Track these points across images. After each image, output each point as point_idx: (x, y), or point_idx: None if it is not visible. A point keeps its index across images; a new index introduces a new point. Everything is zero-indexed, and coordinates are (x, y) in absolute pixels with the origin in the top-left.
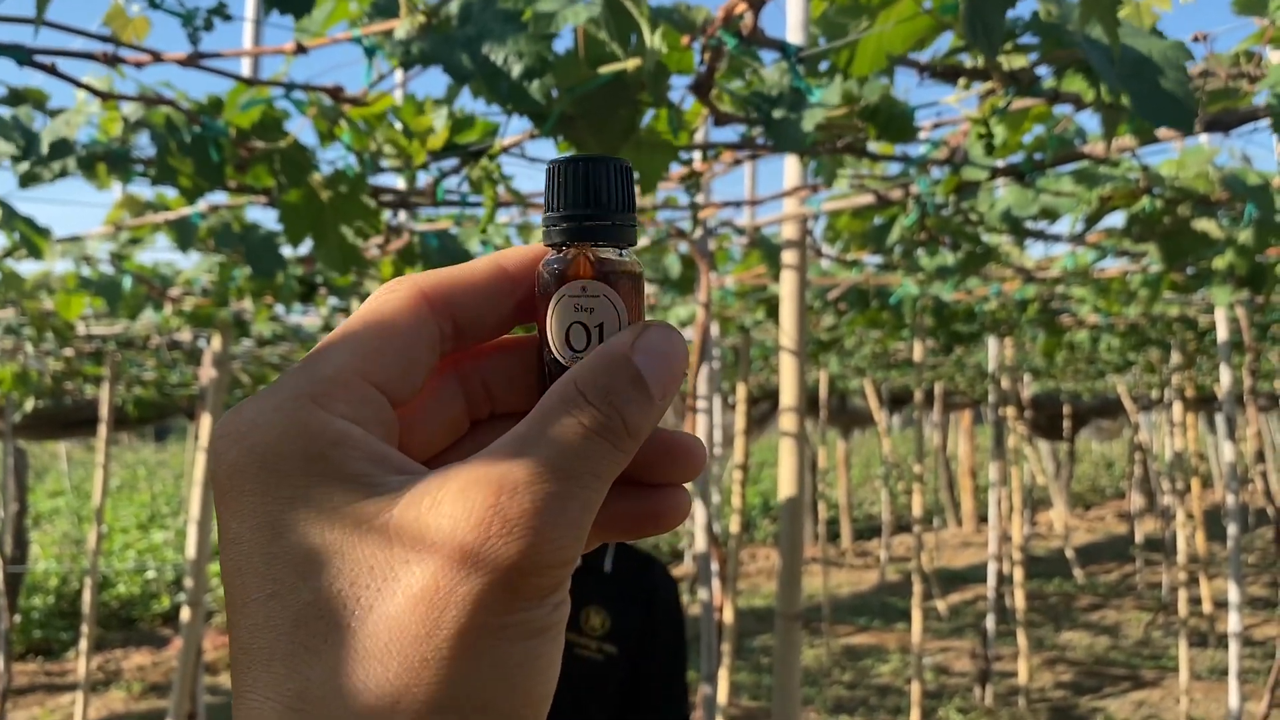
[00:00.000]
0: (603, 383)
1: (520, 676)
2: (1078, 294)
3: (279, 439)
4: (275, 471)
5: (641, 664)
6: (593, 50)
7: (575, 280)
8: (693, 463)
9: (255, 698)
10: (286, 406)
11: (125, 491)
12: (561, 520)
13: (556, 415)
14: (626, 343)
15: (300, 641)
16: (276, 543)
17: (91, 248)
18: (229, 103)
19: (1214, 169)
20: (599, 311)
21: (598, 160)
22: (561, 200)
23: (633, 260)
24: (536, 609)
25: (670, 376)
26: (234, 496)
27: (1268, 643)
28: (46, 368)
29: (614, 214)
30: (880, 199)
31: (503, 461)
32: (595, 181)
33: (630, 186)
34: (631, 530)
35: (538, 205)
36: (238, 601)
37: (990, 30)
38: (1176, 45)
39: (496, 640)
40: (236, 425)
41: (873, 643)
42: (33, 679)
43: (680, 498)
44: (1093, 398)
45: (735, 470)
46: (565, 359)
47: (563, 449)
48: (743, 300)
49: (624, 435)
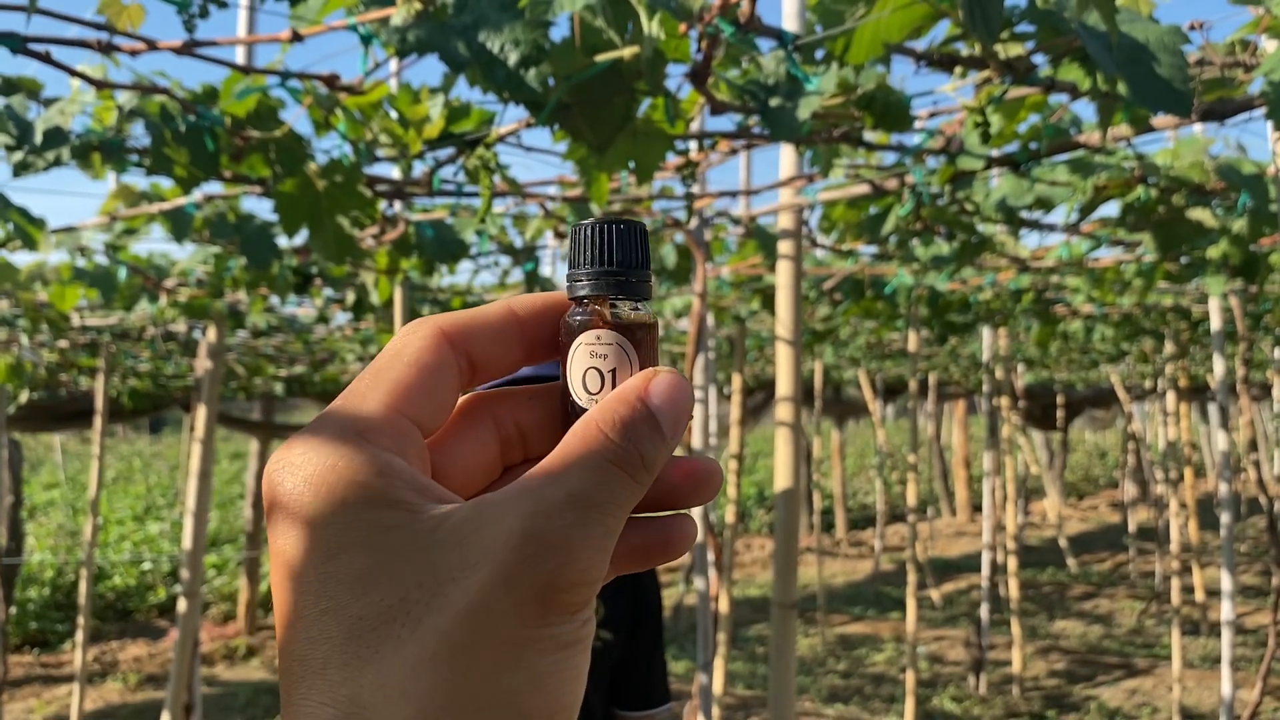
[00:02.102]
0: (620, 420)
1: (552, 684)
2: (1072, 284)
3: (331, 469)
4: (328, 499)
5: (630, 646)
6: (589, 38)
7: (592, 330)
8: (709, 487)
9: (309, 704)
10: (337, 440)
11: (120, 483)
12: (588, 543)
13: (579, 450)
14: (640, 385)
15: (353, 651)
16: (330, 563)
17: (86, 238)
18: (224, 91)
19: (1209, 158)
20: (612, 358)
21: (616, 222)
22: (584, 258)
23: (647, 313)
24: (568, 624)
25: (679, 415)
26: (289, 521)
27: (1260, 631)
28: (41, 359)
29: (630, 271)
30: (876, 189)
31: (532, 492)
32: (614, 242)
33: (646, 246)
34: (644, 559)
35: (534, 195)
36: (292, 616)
37: (989, 18)
38: (1173, 31)
39: (532, 651)
40: (292, 456)
41: (867, 632)
42: (29, 671)
43: (687, 525)
44: (1086, 388)
45: (730, 460)
46: (582, 400)
47: (587, 480)
48: (738, 290)
49: (640, 467)
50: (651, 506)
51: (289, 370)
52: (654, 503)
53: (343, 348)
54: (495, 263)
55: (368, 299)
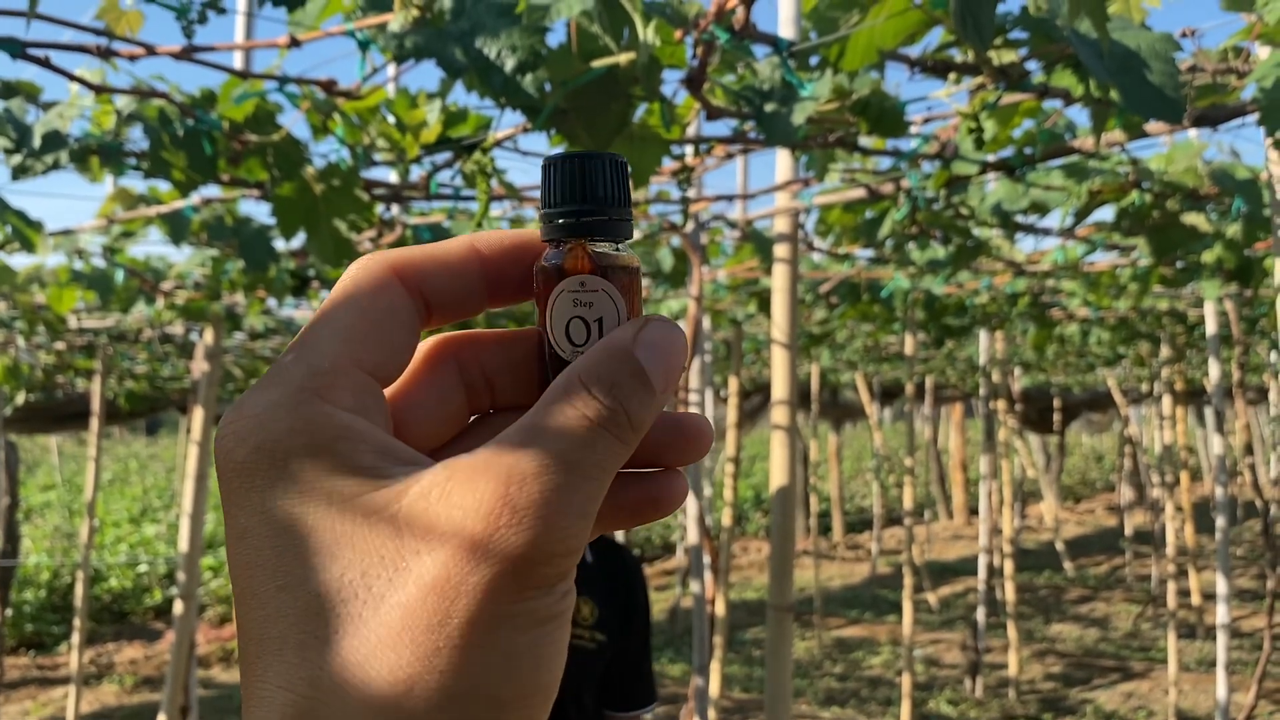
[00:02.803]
0: (605, 376)
1: (530, 663)
2: (1068, 288)
3: (285, 434)
4: (283, 467)
5: (621, 647)
6: (586, 44)
7: (574, 275)
8: (700, 443)
9: (267, 687)
10: (289, 402)
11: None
12: (569, 510)
13: (561, 408)
14: (628, 337)
15: (311, 631)
16: (286, 536)
17: (84, 241)
18: (222, 96)
19: (1202, 163)
20: (598, 306)
21: (593, 156)
22: (558, 196)
23: (630, 254)
24: (545, 597)
25: (670, 369)
26: (242, 492)
27: (1255, 634)
28: (38, 361)
29: (610, 209)
30: (871, 193)
31: (510, 453)
32: (591, 177)
33: (625, 182)
34: (631, 517)
35: (532, 199)
36: (247, 594)
37: (980, 25)
38: (1165, 38)
39: (506, 628)
40: (241, 422)
41: (864, 635)
42: (25, 673)
43: (678, 482)
44: (1083, 391)
45: (727, 463)
46: (566, 353)
47: (568, 441)
48: (735, 294)
49: (627, 427)
50: (638, 464)
51: None
52: (640, 459)
53: None
54: None
55: None
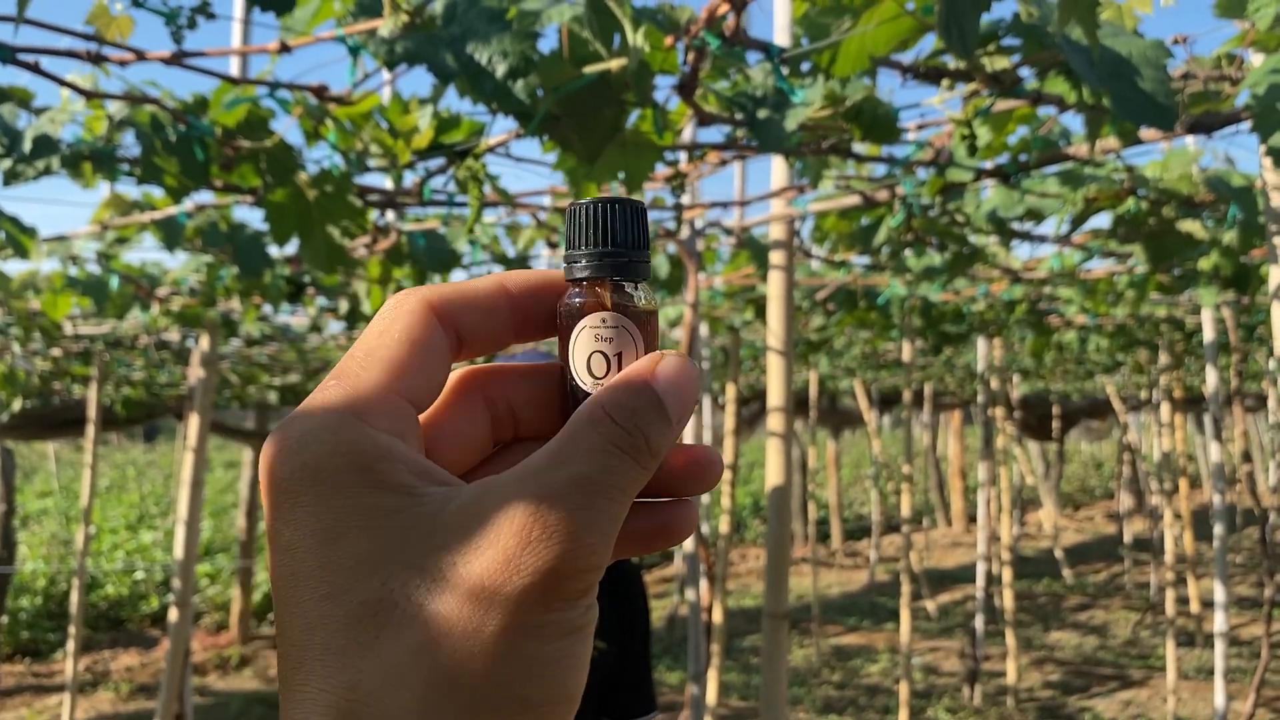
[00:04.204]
0: (627, 405)
1: (555, 671)
2: (1065, 295)
3: (330, 454)
4: (328, 484)
5: (621, 655)
6: (577, 50)
7: (596, 313)
8: (711, 474)
9: (309, 690)
10: (333, 424)
11: (114, 492)
12: (593, 528)
13: (585, 434)
14: (647, 369)
15: (353, 637)
16: (330, 548)
17: (78, 247)
18: (214, 102)
19: (1198, 170)
20: (618, 341)
21: (614, 201)
22: (582, 240)
23: (648, 294)
24: (570, 610)
25: (686, 401)
26: (288, 507)
27: (1254, 642)
28: (34, 367)
29: (630, 251)
30: (867, 200)
31: (539, 474)
32: (612, 221)
33: (645, 225)
34: (645, 544)
35: (525, 205)
36: (291, 603)
37: (965, 33)
38: (1156, 45)
39: (535, 638)
40: (287, 441)
41: (862, 643)
42: (20, 680)
43: (689, 511)
44: (1081, 398)
45: (725, 470)
46: (587, 385)
47: (592, 465)
48: (731, 300)
49: (646, 453)
50: (652, 493)
51: (283, 379)
52: (655, 489)
53: (336, 356)
54: (488, 273)
55: (360, 308)
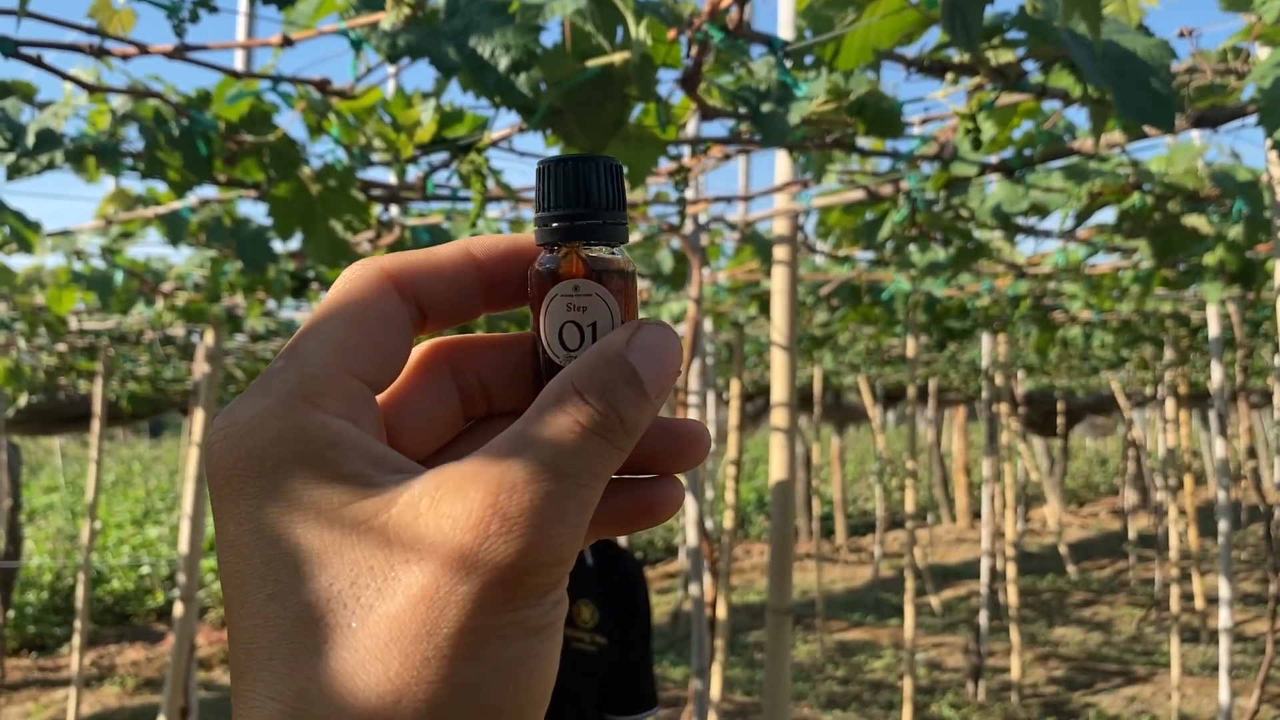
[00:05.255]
0: (598, 381)
1: (520, 674)
2: (1069, 290)
3: (275, 442)
4: (273, 475)
5: (621, 651)
6: (580, 43)
7: (568, 279)
8: (696, 451)
9: (256, 698)
10: (280, 409)
11: (120, 487)
12: (560, 519)
13: (553, 414)
14: (621, 341)
15: (300, 641)
16: (276, 545)
17: (82, 242)
18: (217, 96)
19: (1203, 165)
20: (592, 310)
21: (587, 159)
22: (552, 200)
23: (625, 258)
24: (535, 607)
25: (665, 374)
26: (232, 500)
27: (1259, 638)
28: (40, 363)
29: (605, 212)
30: (871, 195)
31: (500, 460)
32: (586, 180)
33: (621, 185)
34: (625, 525)
35: (528, 200)
36: (237, 603)
37: (969, 25)
38: (1161, 44)
39: (496, 639)
40: (231, 429)
41: (866, 638)
42: (26, 674)
43: (673, 489)
44: (1087, 394)
45: (729, 466)
46: (559, 358)
47: (560, 447)
48: (736, 296)
49: (620, 432)
50: (632, 470)
51: None
52: (635, 466)
53: None
54: None
55: None
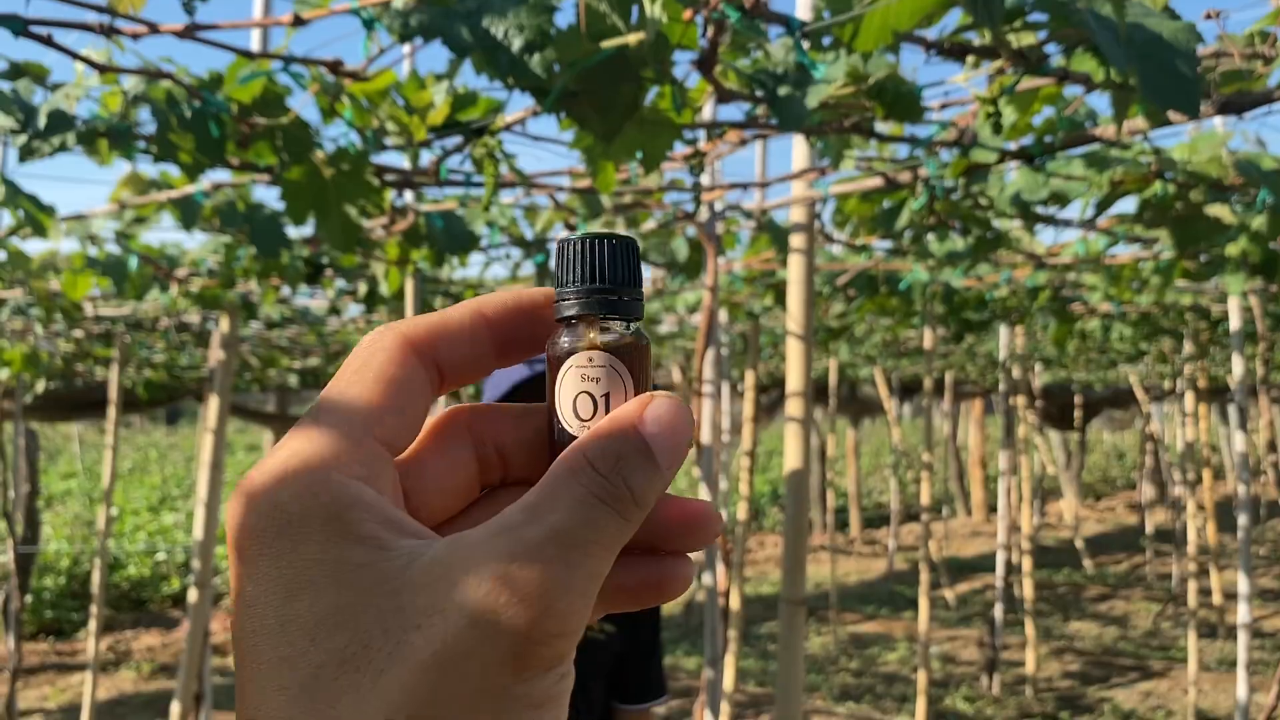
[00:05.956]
0: (610, 451)
1: None
2: (1089, 281)
3: (293, 501)
4: (291, 536)
5: (630, 640)
6: (594, 24)
7: (583, 352)
8: (705, 532)
9: None
10: (301, 470)
11: (137, 474)
12: (568, 590)
13: (564, 485)
14: (634, 413)
15: (309, 706)
16: (290, 605)
17: (97, 226)
18: (229, 77)
19: (1227, 153)
20: (605, 382)
21: (605, 238)
22: (570, 276)
23: (640, 333)
24: (542, 680)
25: (676, 446)
26: (249, 560)
27: (1277, 634)
28: (56, 349)
29: (620, 289)
30: (889, 182)
31: (511, 530)
32: (602, 258)
33: (636, 262)
34: (633, 600)
35: (541, 186)
36: (249, 663)
37: (990, 6)
38: (1187, 27)
39: (503, 709)
40: (253, 488)
41: (880, 631)
42: (43, 659)
43: (683, 566)
44: (1104, 388)
45: (743, 457)
46: (573, 429)
47: (570, 518)
48: (751, 286)
49: (630, 504)
50: (641, 546)
51: (303, 362)
52: (644, 541)
53: (355, 339)
54: (506, 255)
55: (378, 290)
